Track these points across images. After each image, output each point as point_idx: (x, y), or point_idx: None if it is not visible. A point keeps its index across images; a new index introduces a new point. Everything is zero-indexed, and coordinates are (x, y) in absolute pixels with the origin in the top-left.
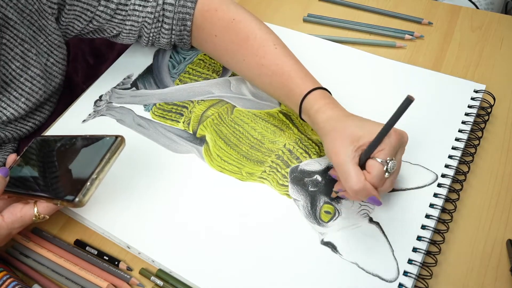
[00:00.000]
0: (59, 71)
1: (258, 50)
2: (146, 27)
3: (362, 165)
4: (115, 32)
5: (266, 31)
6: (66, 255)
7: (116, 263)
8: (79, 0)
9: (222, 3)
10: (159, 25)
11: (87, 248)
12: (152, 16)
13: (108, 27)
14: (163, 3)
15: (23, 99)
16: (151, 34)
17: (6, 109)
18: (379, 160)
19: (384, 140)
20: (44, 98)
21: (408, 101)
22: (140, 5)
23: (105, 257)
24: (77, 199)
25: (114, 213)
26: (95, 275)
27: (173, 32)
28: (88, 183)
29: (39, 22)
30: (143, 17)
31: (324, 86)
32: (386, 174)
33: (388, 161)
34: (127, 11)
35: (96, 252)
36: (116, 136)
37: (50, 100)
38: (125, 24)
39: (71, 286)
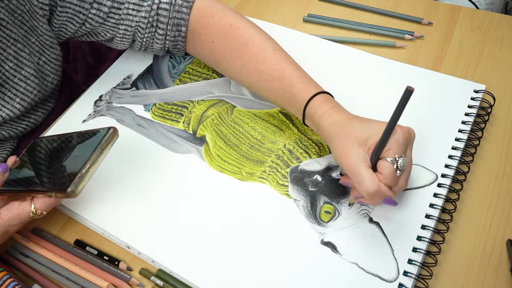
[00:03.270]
0: (52, 70)
1: (258, 56)
2: (139, 31)
3: (373, 167)
4: (108, 35)
5: (264, 36)
6: (66, 255)
7: (116, 263)
8: (71, 2)
9: (219, 9)
10: (153, 30)
11: (87, 248)
12: (146, 21)
13: (102, 30)
14: (158, 8)
15: (18, 99)
16: (144, 39)
17: (1, 110)
18: (388, 159)
19: (390, 139)
20: (39, 97)
21: (408, 92)
22: (133, 9)
23: (105, 257)
24: (69, 189)
25: (114, 213)
26: (95, 275)
27: (167, 37)
28: (80, 174)
29: (30, 23)
30: (136, 22)
31: (326, 90)
32: (398, 172)
33: (397, 159)
34: (120, 15)
35: (96, 252)
36: (109, 128)
37: (47, 100)
38: (119, 28)
39: (71, 286)
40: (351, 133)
